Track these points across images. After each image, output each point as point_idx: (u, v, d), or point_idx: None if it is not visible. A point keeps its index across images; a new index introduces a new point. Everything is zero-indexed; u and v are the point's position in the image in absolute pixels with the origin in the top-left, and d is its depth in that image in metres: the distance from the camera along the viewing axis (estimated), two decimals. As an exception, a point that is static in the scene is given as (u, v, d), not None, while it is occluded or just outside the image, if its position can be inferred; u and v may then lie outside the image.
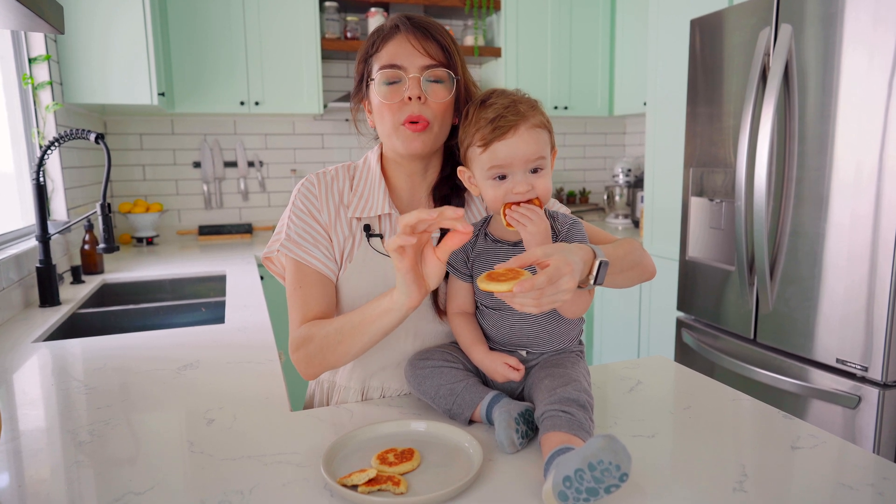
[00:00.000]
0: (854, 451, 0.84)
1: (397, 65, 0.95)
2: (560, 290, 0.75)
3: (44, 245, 1.79)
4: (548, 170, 0.91)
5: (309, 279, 1.00)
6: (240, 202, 3.30)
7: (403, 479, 0.74)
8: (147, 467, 0.82)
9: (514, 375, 0.90)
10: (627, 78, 3.38)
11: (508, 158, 0.87)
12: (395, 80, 0.96)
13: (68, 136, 1.73)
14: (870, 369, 1.62)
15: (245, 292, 1.96)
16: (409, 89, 0.95)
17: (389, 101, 0.96)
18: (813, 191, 1.74)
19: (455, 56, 0.98)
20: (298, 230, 1.02)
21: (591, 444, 0.66)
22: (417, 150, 0.98)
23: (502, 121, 0.87)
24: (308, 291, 1.00)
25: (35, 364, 1.31)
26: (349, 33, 3.09)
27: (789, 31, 1.76)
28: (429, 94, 0.96)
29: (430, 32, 0.96)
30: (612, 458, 0.64)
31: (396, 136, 0.98)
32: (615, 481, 0.64)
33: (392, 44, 0.96)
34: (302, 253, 1.01)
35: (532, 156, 0.88)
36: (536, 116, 0.89)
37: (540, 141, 0.89)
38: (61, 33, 1.23)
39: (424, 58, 0.95)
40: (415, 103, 0.95)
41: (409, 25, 0.96)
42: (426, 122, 0.96)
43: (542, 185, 0.90)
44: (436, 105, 0.96)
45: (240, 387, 1.13)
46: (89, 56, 2.37)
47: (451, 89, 0.98)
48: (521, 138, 0.87)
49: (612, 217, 3.46)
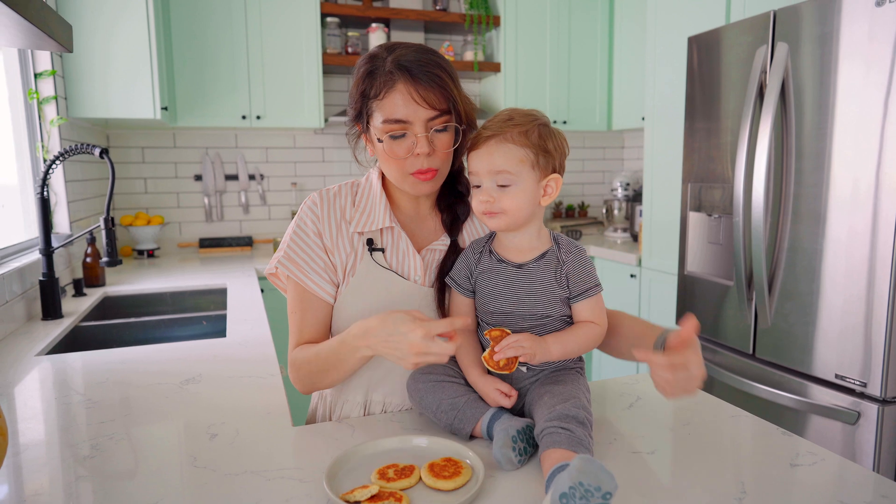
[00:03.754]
0: (853, 469, 0.85)
1: (402, 119, 0.94)
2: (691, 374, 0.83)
3: (47, 258, 1.80)
4: (518, 187, 0.90)
5: (306, 303, 1.04)
6: (240, 215, 3.31)
7: (406, 495, 0.75)
8: (150, 482, 0.83)
9: (504, 402, 0.91)
10: (625, 93, 3.41)
11: (475, 168, 0.92)
12: (400, 134, 0.95)
13: (73, 150, 1.75)
14: (869, 385, 1.62)
15: (246, 306, 1.97)
16: (419, 146, 0.95)
17: (397, 156, 0.96)
18: (810, 206, 1.75)
19: (457, 98, 0.96)
20: (298, 250, 1.04)
21: (573, 466, 0.67)
22: (425, 193, 1.02)
23: (483, 131, 0.92)
24: (304, 316, 1.04)
25: (37, 378, 1.31)
26: (350, 48, 3.12)
27: (785, 49, 1.79)
28: (436, 145, 0.97)
29: (430, 81, 0.93)
30: (592, 479, 0.65)
31: (405, 183, 1.00)
32: (599, 500, 0.65)
33: (393, 94, 0.93)
34: (300, 275, 1.03)
35: (494, 167, 0.90)
36: (518, 135, 0.89)
37: (507, 155, 0.89)
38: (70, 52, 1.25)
39: (428, 110, 0.94)
40: (423, 158, 0.96)
41: (409, 76, 0.93)
42: (434, 171, 0.98)
43: (507, 200, 0.90)
44: (442, 153, 0.98)
45: (242, 401, 1.14)
46: (93, 71, 2.39)
47: (455, 133, 0.99)
48: (488, 150, 0.90)
49: (610, 231, 3.47)
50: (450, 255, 1.04)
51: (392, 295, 1.01)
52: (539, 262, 0.94)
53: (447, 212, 1.08)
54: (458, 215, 1.08)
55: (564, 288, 0.94)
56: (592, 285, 0.94)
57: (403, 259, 1.04)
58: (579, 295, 0.94)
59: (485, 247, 0.99)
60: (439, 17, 3.20)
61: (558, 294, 0.94)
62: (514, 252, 0.96)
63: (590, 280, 0.94)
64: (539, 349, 0.90)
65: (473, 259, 0.98)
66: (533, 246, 0.96)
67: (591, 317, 0.95)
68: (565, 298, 0.94)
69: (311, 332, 1.04)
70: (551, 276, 0.94)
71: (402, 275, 1.03)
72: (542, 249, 0.96)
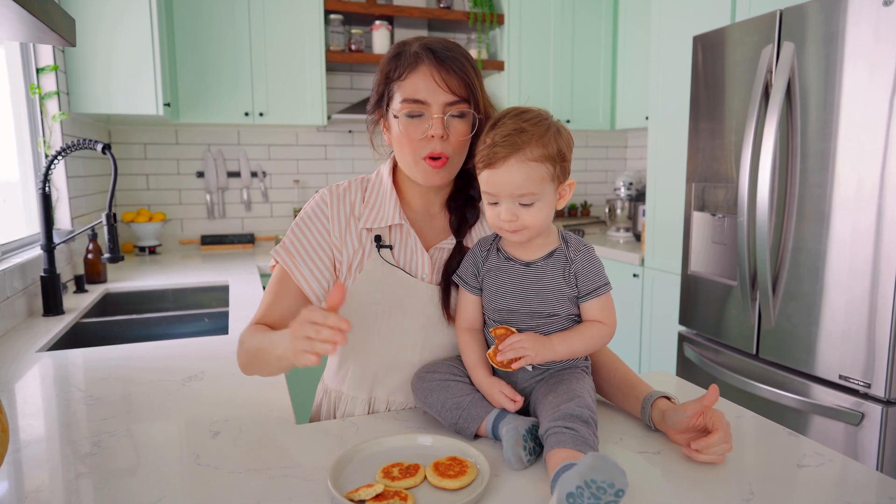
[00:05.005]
0: (860, 470, 0.84)
1: (420, 100, 0.95)
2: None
3: (49, 254, 1.79)
4: (541, 203, 0.88)
5: (284, 289, 1.02)
6: (242, 212, 3.31)
7: (410, 494, 0.74)
8: (152, 480, 0.82)
9: (509, 406, 0.90)
10: (629, 92, 3.40)
11: (496, 188, 0.88)
12: (417, 114, 0.96)
13: (75, 146, 1.74)
14: (873, 386, 1.61)
15: (248, 303, 1.96)
16: (433, 128, 0.95)
17: (411, 137, 0.96)
18: (815, 207, 1.74)
19: (477, 89, 0.97)
20: (296, 241, 1.03)
21: (584, 463, 0.66)
22: (436, 183, 1.00)
23: (496, 149, 0.87)
24: (277, 299, 1.03)
25: (38, 374, 1.31)
26: (353, 46, 3.11)
27: (791, 49, 1.78)
28: (451, 131, 0.96)
29: (453, 67, 0.95)
30: (605, 476, 0.65)
31: (416, 169, 0.99)
32: (612, 498, 0.65)
33: (416, 76, 0.95)
34: (290, 263, 1.02)
35: (517, 190, 0.87)
36: (536, 148, 0.86)
37: (531, 176, 0.86)
38: (73, 46, 1.24)
39: (447, 94, 0.95)
40: (437, 141, 0.96)
41: (434, 58, 0.95)
42: (446, 157, 0.97)
43: (530, 217, 0.88)
44: (456, 141, 0.97)
45: (245, 399, 1.13)
46: (95, 66, 2.39)
47: (472, 123, 0.98)
48: (508, 171, 0.86)
49: (613, 230, 3.46)
50: (455, 256, 1.03)
51: (399, 292, 1.01)
52: (547, 261, 0.94)
53: (455, 213, 1.07)
54: (467, 218, 1.07)
55: (573, 287, 0.93)
56: (601, 284, 0.94)
57: (411, 256, 1.03)
58: (588, 294, 0.93)
59: (492, 244, 0.98)
60: (443, 14, 3.20)
61: (566, 293, 0.93)
62: (522, 250, 0.95)
63: (599, 279, 0.94)
64: (543, 349, 0.89)
65: (481, 257, 0.98)
66: (541, 244, 0.95)
67: (600, 316, 0.94)
68: (573, 297, 0.94)
69: (276, 316, 1.01)
70: (559, 274, 0.93)
71: (409, 272, 1.02)
72: (550, 248, 0.95)
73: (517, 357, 0.89)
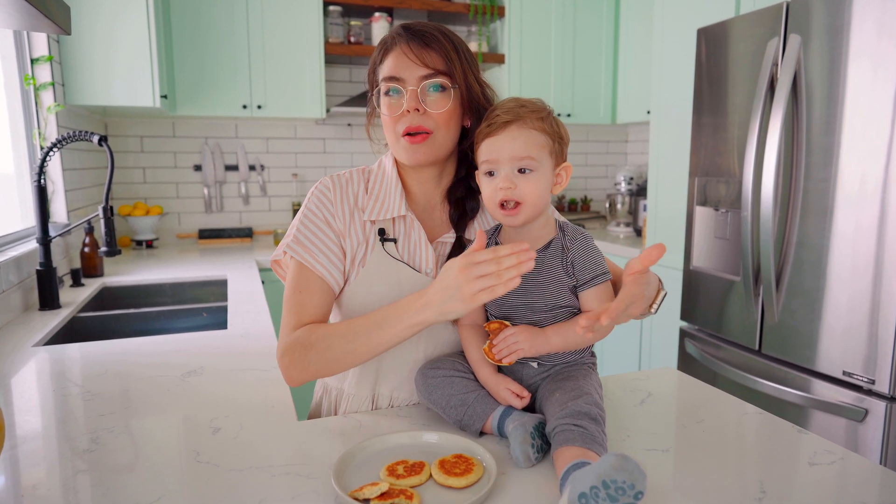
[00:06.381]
0: (872, 468, 0.83)
1: (395, 76, 0.96)
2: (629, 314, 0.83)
3: (44, 248, 1.77)
4: (539, 173, 0.89)
5: (310, 284, 0.98)
6: (240, 206, 3.28)
7: (416, 492, 0.73)
8: (151, 477, 0.80)
9: (516, 402, 0.88)
10: (631, 86, 3.38)
11: (495, 154, 0.89)
12: (394, 92, 0.97)
13: (71, 137, 1.71)
14: (876, 382, 1.61)
15: (247, 297, 1.94)
16: (407, 102, 0.95)
17: (390, 114, 0.97)
18: (818, 202, 1.73)
19: (456, 62, 0.97)
20: (307, 233, 1.00)
21: (605, 462, 0.64)
22: (419, 161, 0.98)
23: (496, 118, 0.89)
24: (307, 297, 0.98)
25: (34, 369, 1.29)
26: (353, 38, 3.08)
27: (798, 42, 1.76)
28: (428, 104, 0.96)
29: (427, 41, 0.96)
30: (627, 476, 0.63)
31: (398, 147, 0.99)
32: (630, 500, 0.63)
33: (392, 55, 0.97)
34: (308, 256, 0.99)
35: (518, 153, 0.88)
36: (535, 121, 0.89)
37: (530, 141, 0.88)
38: (68, 34, 1.21)
39: (421, 68, 0.95)
40: (413, 115, 0.95)
41: (408, 35, 0.96)
42: (426, 132, 0.96)
43: (528, 187, 0.88)
44: (437, 114, 0.96)
45: (245, 394, 1.11)
46: (92, 57, 2.36)
47: (452, 97, 0.97)
48: (509, 135, 0.88)
49: (613, 225, 3.45)
50: (455, 250, 1.01)
51: (402, 287, 0.99)
52: (545, 252, 0.92)
53: (455, 205, 1.05)
54: (467, 210, 1.05)
55: (571, 276, 0.91)
56: (599, 273, 0.91)
57: (415, 250, 1.01)
58: (585, 283, 0.91)
59: (491, 238, 0.97)
60: (443, 6, 3.17)
61: (566, 283, 0.91)
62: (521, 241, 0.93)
63: (597, 268, 0.91)
64: (537, 341, 0.88)
65: None
66: (540, 235, 0.94)
67: (598, 306, 0.92)
68: (573, 287, 0.92)
69: (315, 313, 0.97)
70: (558, 264, 0.91)
71: (413, 266, 1.01)
72: (547, 238, 0.93)
73: (514, 351, 0.88)
